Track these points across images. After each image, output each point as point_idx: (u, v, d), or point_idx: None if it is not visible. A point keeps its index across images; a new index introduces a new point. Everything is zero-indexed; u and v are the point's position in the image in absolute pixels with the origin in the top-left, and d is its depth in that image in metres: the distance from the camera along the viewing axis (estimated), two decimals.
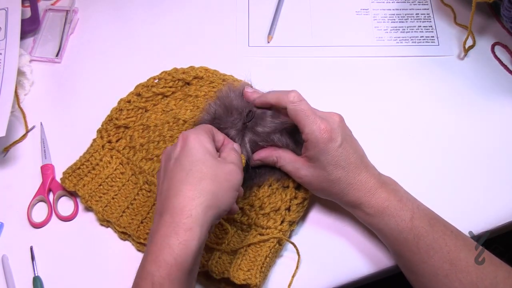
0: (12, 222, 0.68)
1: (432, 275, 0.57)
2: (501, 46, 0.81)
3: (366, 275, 0.65)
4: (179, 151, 0.55)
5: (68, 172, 0.68)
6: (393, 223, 0.58)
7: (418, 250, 0.57)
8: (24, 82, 0.77)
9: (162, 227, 0.50)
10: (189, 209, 0.50)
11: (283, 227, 0.64)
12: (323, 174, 0.60)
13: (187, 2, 0.86)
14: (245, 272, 0.62)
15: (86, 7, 0.86)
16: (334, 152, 0.59)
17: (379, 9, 0.86)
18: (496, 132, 0.74)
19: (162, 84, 0.73)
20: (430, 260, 0.57)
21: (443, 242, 0.57)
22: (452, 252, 0.56)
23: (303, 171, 0.62)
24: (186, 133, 0.57)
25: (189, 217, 0.50)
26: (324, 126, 0.59)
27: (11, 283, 0.64)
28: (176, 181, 0.53)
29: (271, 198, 0.66)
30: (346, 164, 0.60)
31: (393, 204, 0.59)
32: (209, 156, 0.55)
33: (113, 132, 0.71)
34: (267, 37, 0.82)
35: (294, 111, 0.60)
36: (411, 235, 0.57)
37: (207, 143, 0.56)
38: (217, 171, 0.54)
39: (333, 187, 0.60)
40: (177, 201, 0.51)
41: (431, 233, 0.57)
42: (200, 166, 0.53)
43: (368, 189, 0.60)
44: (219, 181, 0.53)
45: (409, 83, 0.78)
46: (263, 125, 0.64)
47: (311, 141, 0.60)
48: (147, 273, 0.49)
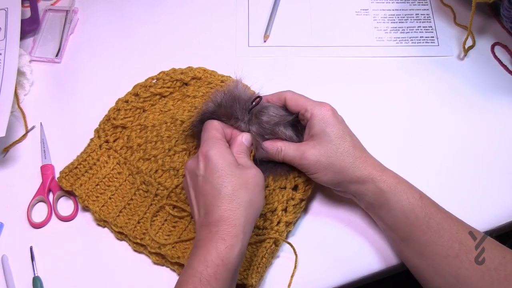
0: (12, 222, 0.68)
1: (442, 256, 0.56)
2: (501, 46, 0.81)
3: (365, 275, 0.65)
4: (203, 169, 0.58)
5: (65, 171, 0.68)
6: (405, 199, 0.58)
7: (429, 229, 0.57)
8: (24, 82, 0.77)
9: (209, 235, 0.55)
10: (233, 219, 0.55)
11: (280, 228, 0.64)
12: (331, 147, 0.61)
13: (187, 2, 0.86)
14: (241, 272, 0.61)
15: (86, 7, 0.86)
16: (339, 125, 0.62)
17: (379, 9, 0.86)
18: (496, 132, 0.74)
19: (160, 85, 0.73)
20: (440, 240, 0.57)
21: (451, 222, 0.58)
22: (460, 231, 0.57)
23: (308, 152, 0.62)
24: (206, 149, 0.59)
25: (234, 226, 0.55)
26: (325, 104, 0.63)
27: (11, 283, 0.64)
28: (212, 197, 0.56)
29: (268, 199, 0.66)
30: (351, 139, 0.62)
31: (403, 181, 0.60)
32: (233, 167, 0.58)
33: (111, 132, 0.71)
34: (264, 36, 0.82)
35: (294, 99, 0.64)
36: (422, 213, 0.58)
37: (227, 154, 0.59)
38: (246, 179, 0.57)
39: (343, 160, 0.60)
40: (219, 214, 0.55)
41: (439, 213, 0.58)
42: (230, 179, 0.56)
43: (377, 165, 0.61)
44: (251, 188, 0.57)
45: (409, 83, 0.78)
46: (268, 114, 0.64)
47: (315, 115, 0.62)
48: (196, 271, 0.53)
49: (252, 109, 0.64)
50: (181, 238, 0.64)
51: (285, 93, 0.65)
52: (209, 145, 0.59)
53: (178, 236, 0.65)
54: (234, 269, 0.54)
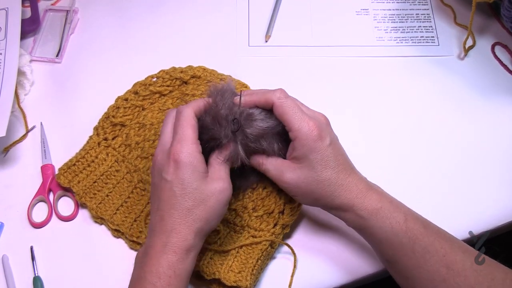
0: (12, 222, 0.68)
1: (428, 281, 0.54)
2: (501, 46, 0.81)
3: (365, 275, 0.65)
4: (171, 175, 0.56)
5: (63, 168, 0.68)
6: (388, 225, 0.56)
7: (414, 254, 0.55)
8: (24, 82, 0.77)
9: (159, 245, 0.55)
10: (185, 233, 0.55)
11: (276, 230, 0.64)
12: (311, 175, 0.58)
13: (187, 2, 0.86)
14: (236, 273, 0.61)
15: (86, 7, 0.86)
16: (324, 151, 0.57)
17: (379, 9, 0.86)
18: (496, 132, 0.74)
19: (159, 83, 0.73)
20: (426, 265, 0.54)
21: (439, 245, 0.55)
22: (448, 254, 0.54)
23: (288, 174, 0.59)
24: (178, 153, 0.56)
25: (185, 241, 0.55)
26: (312, 123, 0.58)
27: (11, 283, 0.64)
28: (170, 206, 0.56)
29: (265, 201, 0.65)
30: (335, 165, 0.58)
31: (386, 206, 0.57)
32: (200, 182, 0.56)
33: (110, 129, 0.71)
34: (265, 36, 0.82)
35: (281, 107, 0.58)
36: (406, 238, 0.55)
37: (199, 163, 0.57)
38: (208, 195, 0.56)
39: (323, 188, 0.58)
40: (172, 226, 0.55)
41: (426, 236, 0.55)
42: (193, 194, 0.55)
43: (359, 190, 0.58)
44: (211, 205, 0.56)
45: (409, 83, 0.78)
46: (252, 126, 0.60)
47: (299, 139, 0.58)
48: (149, 283, 0.53)
49: (238, 118, 0.60)
50: None
51: (272, 97, 0.59)
52: (182, 149, 0.56)
53: None
54: (187, 277, 0.55)
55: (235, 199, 0.65)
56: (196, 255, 0.56)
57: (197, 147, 0.57)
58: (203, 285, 0.64)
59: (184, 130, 0.57)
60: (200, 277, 0.63)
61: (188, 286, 0.57)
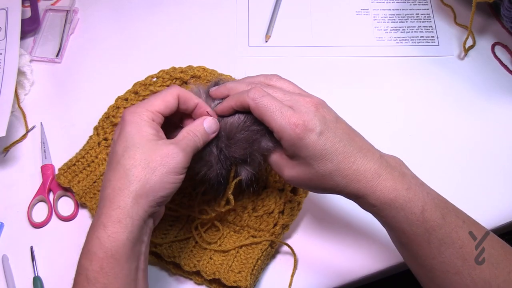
0: (12, 222, 0.68)
1: (442, 272, 0.51)
2: (501, 46, 0.81)
3: (365, 275, 0.65)
4: (117, 134, 0.52)
5: (63, 168, 0.68)
6: (402, 216, 0.51)
7: (429, 245, 0.51)
8: (24, 82, 0.77)
9: (94, 219, 0.49)
10: (118, 200, 0.48)
11: (276, 230, 0.64)
12: (310, 171, 0.52)
13: (187, 1, 0.86)
14: (236, 274, 0.61)
15: (86, 7, 0.86)
16: (314, 145, 0.51)
17: (379, 9, 0.86)
18: (496, 132, 0.74)
19: (159, 83, 0.73)
20: (440, 256, 0.51)
21: (456, 236, 0.51)
22: (465, 246, 0.51)
23: (287, 171, 0.54)
24: (125, 114, 0.52)
25: (117, 209, 0.48)
26: (295, 119, 0.51)
27: (11, 283, 0.64)
28: (109, 169, 0.50)
29: (265, 201, 0.65)
30: (333, 156, 0.51)
31: (401, 195, 0.51)
32: (145, 140, 0.50)
33: (110, 129, 0.71)
34: (265, 36, 0.82)
35: (257, 109, 0.52)
36: (422, 229, 0.51)
37: (145, 126, 0.51)
38: (151, 156, 0.49)
39: (327, 182, 0.52)
40: (106, 192, 0.49)
41: (443, 227, 0.51)
42: (133, 152, 0.49)
43: (370, 178, 0.51)
44: (152, 166, 0.49)
45: (409, 83, 0.78)
46: (237, 147, 0.56)
47: (284, 139, 0.52)
48: (81, 267, 0.48)
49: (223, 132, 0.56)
50: (178, 238, 0.64)
51: (247, 99, 0.53)
52: (136, 109, 0.52)
53: (175, 235, 0.65)
54: (125, 260, 0.47)
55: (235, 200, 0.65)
56: (135, 234, 0.48)
57: (152, 115, 0.52)
58: (204, 283, 0.64)
59: (152, 99, 0.54)
60: (200, 277, 0.63)
61: (189, 284, 0.55)
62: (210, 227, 0.65)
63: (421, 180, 0.55)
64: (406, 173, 0.54)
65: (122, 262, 0.47)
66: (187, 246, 0.64)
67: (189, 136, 0.53)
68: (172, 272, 0.64)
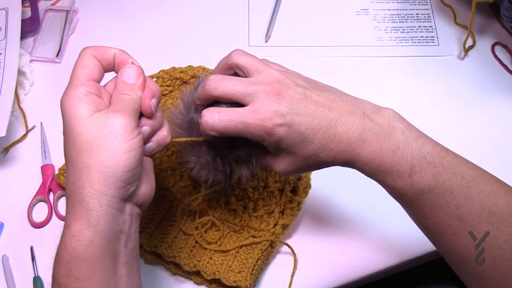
0: (12, 222, 0.68)
1: (440, 233, 0.50)
2: (501, 46, 0.81)
3: (365, 275, 0.65)
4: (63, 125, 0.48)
5: (63, 168, 0.69)
6: (390, 180, 0.49)
7: (421, 207, 0.50)
8: (24, 82, 0.77)
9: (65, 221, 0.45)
10: (76, 195, 0.43)
11: (276, 230, 0.64)
12: (297, 158, 0.51)
13: (187, 2, 0.86)
14: (236, 274, 0.61)
15: (86, 7, 0.86)
16: (288, 135, 0.49)
17: (379, 9, 0.86)
18: (496, 132, 0.74)
19: (159, 83, 0.73)
20: (434, 217, 0.49)
21: (450, 196, 0.48)
22: (461, 206, 0.48)
23: (277, 166, 0.53)
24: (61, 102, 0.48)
25: (77, 205, 0.43)
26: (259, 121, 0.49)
27: (11, 283, 0.64)
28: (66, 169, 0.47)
29: (265, 201, 0.65)
30: (312, 136, 0.49)
31: (387, 159, 0.49)
32: (78, 121, 0.45)
33: None
34: (265, 36, 0.82)
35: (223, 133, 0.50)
36: (411, 193, 0.49)
37: (80, 105, 0.46)
38: (92, 135, 0.44)
39: (315, 160, 0.50)
40: (67, 191, 0.45)
41: (434, 189, 0.48)
42: (73, 140, 0.45)
43: (355, 145, 0.49)
44: (97, 145, 0.44)
45: (409, 83, 0.78)
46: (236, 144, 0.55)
47: (261, 141, 0.51)
48: (53, 273, 0.44)
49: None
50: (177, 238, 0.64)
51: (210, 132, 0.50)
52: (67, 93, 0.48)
53: (175, 236, 0.65)
54: (98, 258, 0.43)
55: (236, 199, 0.65)
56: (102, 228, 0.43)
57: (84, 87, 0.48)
58: (203, 285, 0.64)
59: (73, 73, 0.49)
60: (200, 277, 0.63)
61: (189, 284, 0.55)
62: (210, 227, 0.65)
63: (415, 131, 0.52)
64: (395, 129, 0.51)
65: (93, 262, 0.43)
66: (187, 246, 0.64)
67: (118, 97, 0.48)
68: (172, 272, 0.64)
